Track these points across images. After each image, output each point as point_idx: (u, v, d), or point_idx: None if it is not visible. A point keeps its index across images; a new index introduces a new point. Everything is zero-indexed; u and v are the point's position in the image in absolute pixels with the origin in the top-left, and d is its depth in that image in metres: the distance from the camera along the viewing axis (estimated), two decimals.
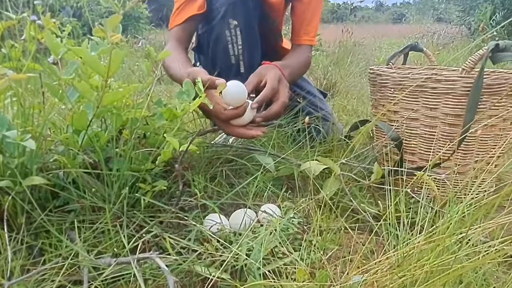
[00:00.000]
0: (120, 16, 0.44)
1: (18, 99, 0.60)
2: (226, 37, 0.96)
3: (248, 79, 0.84)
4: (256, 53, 1.02)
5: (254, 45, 1.01)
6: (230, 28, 0.95)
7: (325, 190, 0.75)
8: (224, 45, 0.98)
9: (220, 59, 1.00)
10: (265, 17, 1.06)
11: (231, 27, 0.95)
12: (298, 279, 0.53)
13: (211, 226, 0.64)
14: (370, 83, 0.95)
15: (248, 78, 0.85)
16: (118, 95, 0.57)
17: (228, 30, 0.96)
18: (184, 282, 0.55)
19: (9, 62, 0.61)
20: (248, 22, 0.97)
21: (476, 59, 0.74)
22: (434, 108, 0.79)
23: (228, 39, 0.97)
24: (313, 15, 1.08)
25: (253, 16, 0.98)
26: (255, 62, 1.03)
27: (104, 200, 0.62)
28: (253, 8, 0.97)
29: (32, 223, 0.58)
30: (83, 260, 0.51)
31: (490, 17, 4.97)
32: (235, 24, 0.95)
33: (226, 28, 0.95)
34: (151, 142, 0.69)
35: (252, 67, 1.01)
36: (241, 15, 0.95)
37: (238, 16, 0.95)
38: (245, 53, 0.98)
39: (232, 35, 0.96)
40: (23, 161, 0.55)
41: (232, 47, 0.98)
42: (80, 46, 0.59)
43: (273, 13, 1.09)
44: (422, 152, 0.84)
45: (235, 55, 0.99)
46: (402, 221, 0.61)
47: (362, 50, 3.50)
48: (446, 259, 0.46)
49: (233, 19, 0.95)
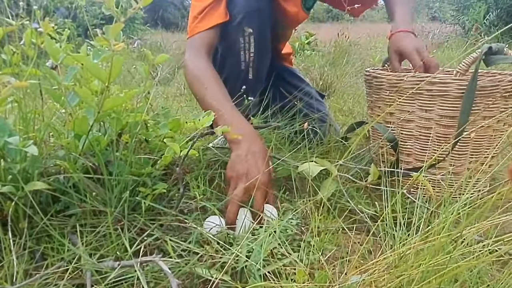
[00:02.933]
0: (122, 24, 0.45)
1: (19, 104, 0.60)
2: (240, 43, 0.96)
3: (390, 57, 0.90)
4: (265, 61, 1.03)
5: (265, 53, 1.02)
6: (244, 35, 0.95)
7: (323, 191, 0.76)
8: (236, 51, 0.97)
9: (230, 64, 1.00)
10: (279, 22, 1.06)
11: (245, 34, 0.95)
12: (298, 280, 0.54)
13: (211, 228, 0.65)
14: (366, 85, 0.96)
15: (390, 55, 0.90)
16: (119, 100, 0.57)
17: (242, 38, 0.96)
18: (185, 284, 0.56)
19: (10, 67, 0.61)
20: (262, 30, 0.97)
21: (470, 61, 0.75)
22: (429, 110, 0.81)
23: (241, 46, 0.97)
24: None
25: (267, 25, 0.98)
26: (264, 69, 1.03)
27: (105, 204, 0.62)
28: (268, 16, 0.97)
29: (34, 228, 0.58)
30: (85, 264, 0.51)
31: (484, 16, 5.01)
32: (250, 32, 0.95)
33: (241, 35, 0.95)
34: (151, 147, 0.70)
35: (260, 74, 1.02)
36: (256, 24, 0.95)
37: (254, 24, 0.95)
38: (255, 60, 0.99)
39: (245, 42, 0.96)
40: (24, 166, 0.56)
41: (244, 53, 0.98)
42: (77, 49, 0.59)
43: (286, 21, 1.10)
44: (417, 153, 0.86)
45: (246, 62, 0.99)
46: (399, 221, 0.62)
47: (358, 50, 3.51)
48: (441, 258, 0.47)
49: (248, 27, 0.95)
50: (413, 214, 0.64)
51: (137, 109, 0.68)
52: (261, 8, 0.95)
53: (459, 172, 0.83)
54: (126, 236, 0.57)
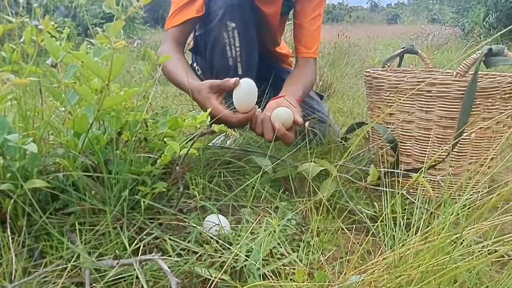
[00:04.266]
0: (122, 22, 0.45)
1: (18, 102, 0.60)
2: (224, 39, 0.97)
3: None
4: (254, 55, 1.03)
5: (252, 47, 1.02)
6: (228, 30, 0.96)
7: (322, 191, 0.76)
8: (222, 47, 0.98)
9: (218, 61, 1.01)
10: (262, 23, 1.07)
11: (228, 29, 0.96)
12: (297, 279, 0.54)
13: (211, 227, 0.64)
14: (366, 86, 0.96)
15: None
16: (119, 98, 0.57)
17: (226, 33, 0.97)
18: (184, 284, 0.56)
19: (9, 65, 0.61)
20: (245, 24, 0.98)
21: (470, 63, 0.75)
22: (429, 110, 0.81)
23: (226, 41, 0.98)
24: (317, 28, 1.10)
25: (250, 19, 0.99)
26: (253, 63, 1.04)
27: (104, 203, 0.62)
28: (249, 11, 0.98)
29: (33, 226, 0.58)
30: (85, 262, 0.51)
31: (484, 18, 5.02)
32: (233, 26, 0.96)
33: (224, 30, 0.96)
34: (151, 146, 0.69)
35: (250, 68, 1.02)
36: (238, 18, 0.96)
37: (236, 19, 0.96)
38: (242, 55, 0.99)
39: (230, 37, 0.97)
40: (24, 164, 0.56)
41: (230, 49, 0.98)
42: (77, 47, 0.59)
43: (268, 22, 1.10)
44: (417, 154, 0.86)
45: (233, 57, 0.99)
46: (398, 222, 0.62)
47: (357, 51, 3.52)
48: (441, 259, 0.47)
49: (231, 22, 0.96)
50: (412, 215, 0.64)
51: (137, 107, 0.68)
52: (241, 3, 0.96)
53: (459, 173, 0.83)
54: (125, 235, 0.56)
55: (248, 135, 1.02)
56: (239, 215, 0.72)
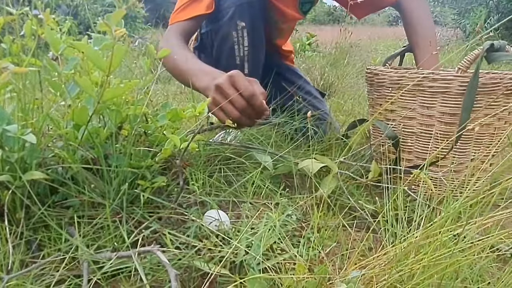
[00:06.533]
0: (124, 11, 0.45)
1: (18, 94, 0.60)
2: (233, 38, 0.96)
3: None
4: (260, 55, 1.03)
5: (260, 46, 1.02)
6: (237, 29, 0.95)
7: (323, 188, 0.76)
8: (231, 45, 0.97)
9: (225, 59, 1.00)
10: (269, 17, 1.06)
11: (238, 28, 0.95)
12: (298, 274, 0.54)
13: (210, 222, 0.64)
14: (367, 83, 0.96)
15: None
16: (119, 90, 0.57)
17: (235, 31, 0.96)
18: (183, 277, 0.56)
19: (9, 57, 0.61)
20: (255, 24, 0.97)
21: (472, 58, 0.75)
22: (430, 107, 0.80)
23: (235, 40, 0.97)
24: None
25: (259, 18, 0.98)
26: (259, 63, 1.03)
27: (103, 196, 0.62)
28: (259, 10, 0.97)
29: (31, 218, 0.58)
30: (83, 254, 0.51)
31: (485, 20, 5.02)
32: (242, 25, 0.95)
33: (234, 29, 0.95)
34: (151, 140, 0.69)
35: (256, 68, 1.02)
36: (248, 17, 0.95)
37: (246, 18, 0.95)
38: (250, 54, 0.99)
39: (239, 36, 0.96)
40: (22, 155, 0.55)
41: (238, 48, 0.98)
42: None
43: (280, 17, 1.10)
44: (418, 150, 0.85)
45: (241, 56, 0.99)
46: (400, 218, 0.62)
47: (359, 52, 3.52)
48: (442, 255, 0.47)
49: (241, 21, 0.95)
50: (413, 211, 0.64)
51: (137, 101, 0.68)
52: (251, 1, 0.95)
53: (460, 170, 0.82)
54: (124, 228, 0.56)
55: (248, 131, 1.02)
56: (239, 211, 0.72)
